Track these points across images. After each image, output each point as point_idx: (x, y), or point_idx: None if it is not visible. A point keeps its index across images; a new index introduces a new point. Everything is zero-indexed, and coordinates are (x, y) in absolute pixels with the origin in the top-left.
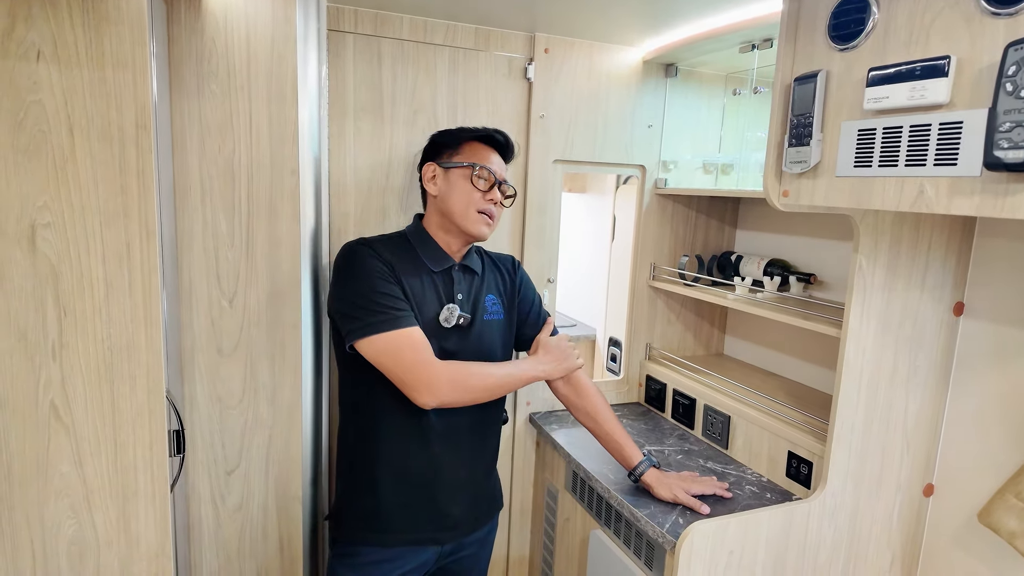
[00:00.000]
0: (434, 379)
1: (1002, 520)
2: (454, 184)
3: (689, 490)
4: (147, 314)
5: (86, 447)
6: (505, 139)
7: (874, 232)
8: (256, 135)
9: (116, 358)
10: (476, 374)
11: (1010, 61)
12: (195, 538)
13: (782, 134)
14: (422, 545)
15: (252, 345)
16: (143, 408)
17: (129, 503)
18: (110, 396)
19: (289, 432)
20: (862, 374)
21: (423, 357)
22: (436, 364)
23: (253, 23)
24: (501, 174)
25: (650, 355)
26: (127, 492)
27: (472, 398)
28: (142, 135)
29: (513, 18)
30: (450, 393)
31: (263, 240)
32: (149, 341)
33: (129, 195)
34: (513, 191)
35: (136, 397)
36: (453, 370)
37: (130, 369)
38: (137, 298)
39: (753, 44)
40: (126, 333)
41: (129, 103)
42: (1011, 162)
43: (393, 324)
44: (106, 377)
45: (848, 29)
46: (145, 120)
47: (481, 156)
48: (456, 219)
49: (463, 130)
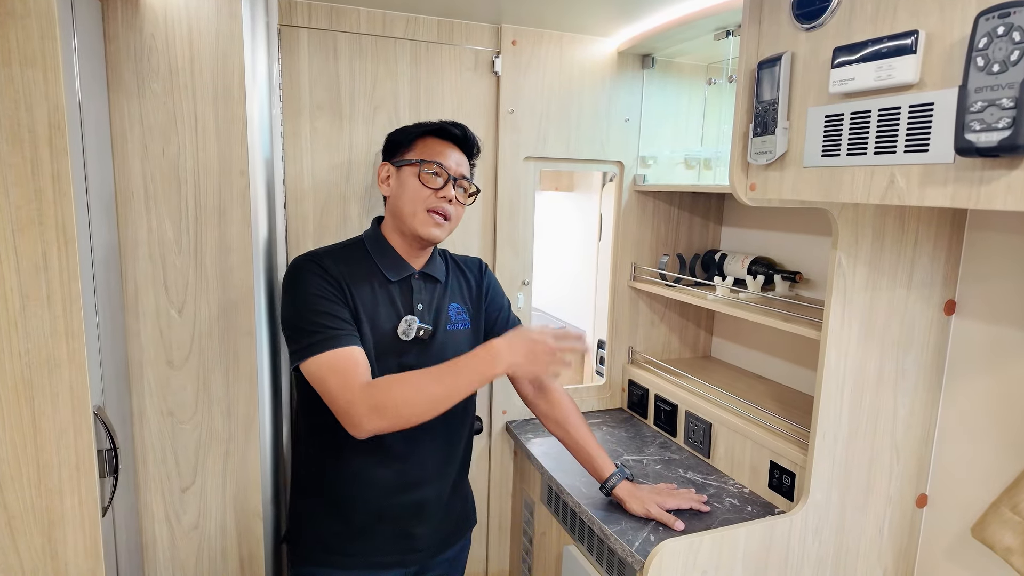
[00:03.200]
0: (352, 408)
1: (997, 535)
2: (404, 183)
3: (663, 504)
4: (68, 326)
5: (5, 469)
6: (463, 132)
7: (854, 226)
8: (203, 136)
9: (36, 374)
10: (404, 398)
11: (981, 32)
12: (149, 559)
13: (748, 123)
14: (386, 568)
15: (204, 356)
16: (67, 427)
17: (56, 528)
18: (30, 415)
19: (247, 446)
20: (845, 379)
21: (344, 381)
22: (355, 390)
23: (195, 19)
24: (457, 170)
25: (633, 359)
26: (52, 517)
27: (408, 422)
28: (56, 136)
29: (478, 9)
30: (376, 422)
31: (213, 246)
32: (72, 355)
33: (44, 200)
34: (475, 188)
35: (59, 415)
36: (376, 395)
37: (52, 385)
38: (57, 310)
39: (728, 31)
40: (46, 347)
41: (40, 102)
42: (983, 146)
43: (323, 346)
44: (25, 394)
45: (813, 6)
46: (59, 120)
47: (434, 151)
48: (406, 219)
49: (417, 125)
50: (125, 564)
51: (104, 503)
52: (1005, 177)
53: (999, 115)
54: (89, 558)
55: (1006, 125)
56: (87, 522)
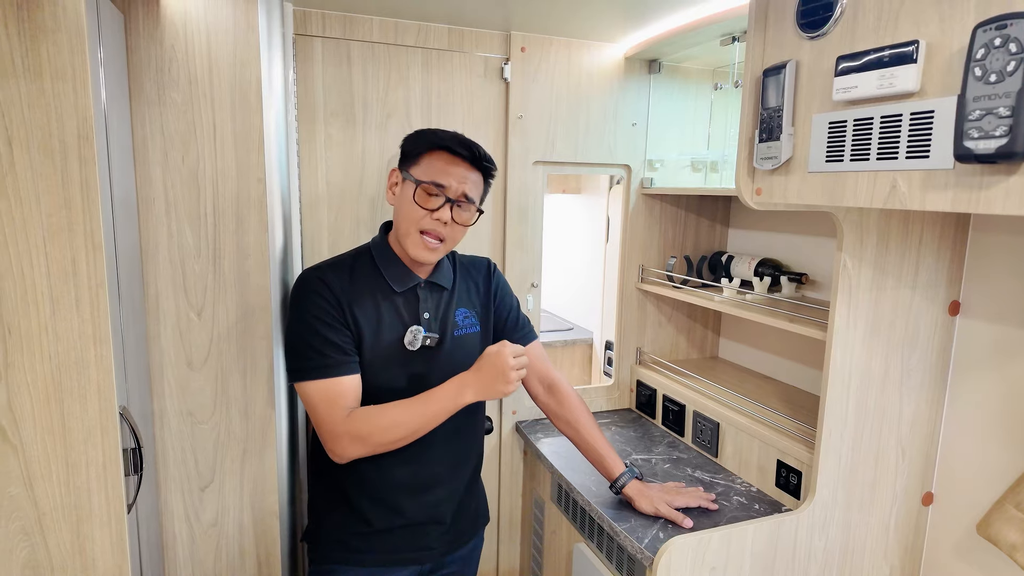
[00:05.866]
0: (336, 438)
1: (1002, 532)
2: (403, 198)
3: (672, 503)
4: (96, 330)
5: (36, 468)
6: (471, 151)
7: (859, 229)
8: (220, 144)
9: (65, 376)
10: (381, 427)
11: (978, 43)
12: (169, 557)
13: (753, 129)
14: (402, 565)
15: (223, 358)
16: (95, 427)
17: (83, 525)
18: (60, 415)
19: (263, 446)
20: (851, 378)
21: (328, 412)
22: (337, 422)
23: (214, 30)
24: (459, 189)
25: (641, 360)
26: (81, 514)
27: (385, 449)
28: (84, 147)
29: (487, 17)
30: (357, 450)
31: (231, 250)
32: (99, 358)
33: (73, 208)
34: (478, 211)
35: (87, 415)
36: (355, 426)
37: (80, 387)
38: (85, 314)
39: (734, 37)
40: (75, 350)
41: (70, 114)
42: (981, 153)
43: (315, 372)
44: (55, 396)
45: (817, 15)
46: (87, 131)
47: (437, 169)
48: (400, 238)
49: (428, 135)
50: (147, 561)
51: (129, 501)
52: (1003, 183)
53: (996, 123)
54: (116, 554)
55: (1003, 133)
56: (113, 519)
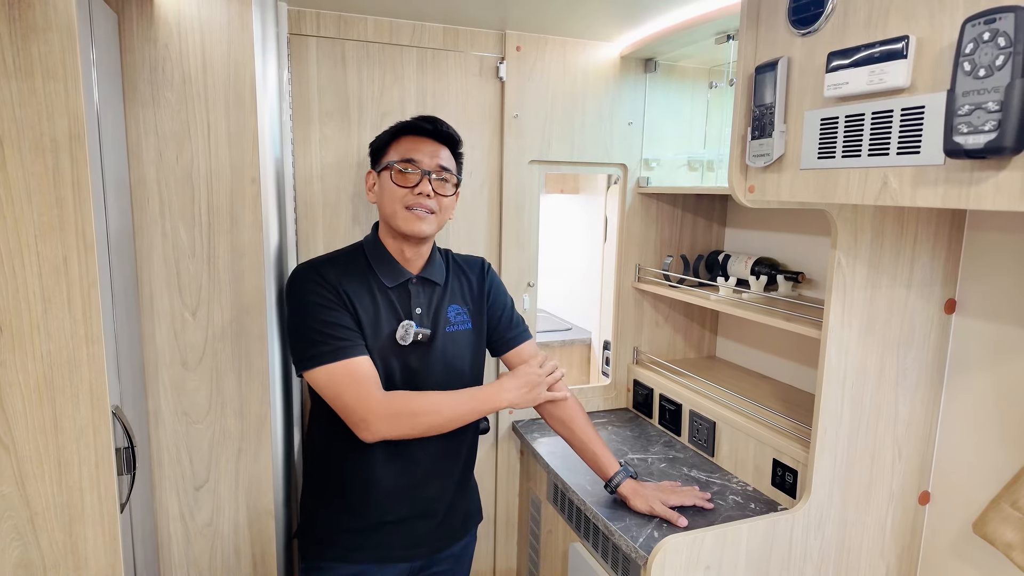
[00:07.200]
0: (371, 415)
1: (997, 531)
2: (383, 187)
3: (667, 501)
4: (88, 330)
5: (28, 467)
6: (433, 125)
7: (852, 226)
8: (215, 143)
9: (57, 375)
10: (422, 411)
11: (967, 38)
12: (164, 556)
13: (746, 126)
14: (392, 562)
15: (217, 358)
16: (87, 426)
17: (76, 524)
18: (52, 414)
19: (259, 446)
20: (845, 377)
21: (361, 391)
22: (374, 399)
23: (208, 30)
24: (432, 163)
25: (638, 359)
26: (73, 513)
27: (419, 434)
28: (76, 146)
29: (482, 16)
30: (390, 429)
31: (225, 250)
32: (91, 357)
33: (65, 207)
34: (456, 179)
35: (79, 415)
36: (395, 405)
37: (72, 386)
38: (77, 313)
39: (729, 35)
40: (67, 349)
41: (61, 113)
42: (971, 148)
43: (334, 356)
44: (47, 395)
45: (808, 12)
46: (79, 130)
47: (406, 149)
48: (390, 220)
49: (389, 128)
50: (141, 560)
51: (122, 500)
52: (993, 178)
53: (985, 118)
54: (108, 553)
55: (992, 128)
56: (106, 518)
